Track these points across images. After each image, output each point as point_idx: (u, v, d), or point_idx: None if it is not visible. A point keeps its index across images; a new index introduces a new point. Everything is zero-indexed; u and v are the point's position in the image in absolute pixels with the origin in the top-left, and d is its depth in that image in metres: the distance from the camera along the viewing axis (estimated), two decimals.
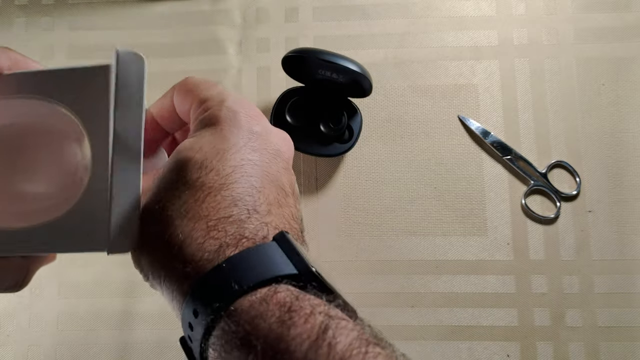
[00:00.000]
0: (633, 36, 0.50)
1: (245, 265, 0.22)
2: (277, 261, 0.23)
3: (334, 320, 0.20)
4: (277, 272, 0.22)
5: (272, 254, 0.23)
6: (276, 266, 0.22)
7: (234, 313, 0.21)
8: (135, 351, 0.47)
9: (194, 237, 0.23)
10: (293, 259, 0.23)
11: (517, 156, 0.49)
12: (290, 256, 0.23)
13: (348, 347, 0.19)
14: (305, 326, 0.20)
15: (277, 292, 0.21)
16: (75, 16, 0.53)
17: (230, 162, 0.25)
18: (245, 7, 0.53)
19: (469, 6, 0.52)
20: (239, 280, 0.21)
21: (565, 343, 0.46)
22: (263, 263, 0.22)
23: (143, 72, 0.28)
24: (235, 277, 0.22)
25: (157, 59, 0.52)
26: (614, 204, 0.48)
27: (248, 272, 0.22)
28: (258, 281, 0.22)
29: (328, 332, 0.19)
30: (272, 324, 0.20)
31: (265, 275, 0.22)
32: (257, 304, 0.21)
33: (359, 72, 0.43)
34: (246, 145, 0.26)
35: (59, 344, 0.47)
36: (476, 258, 0.47)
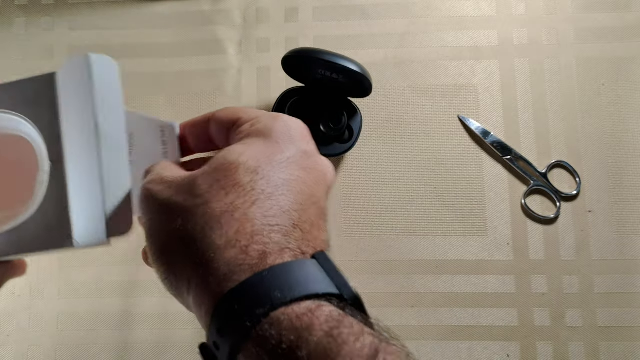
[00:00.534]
0: (633, 36, 0.50)
1: (289, 277, 0.21)
2: (319, 278, 0.22)
3: (383, 344, 0.20)
4: (320, 289, 0.21)
5: (314, 271, 0.22)
6: (318, 283, 0.22)
7: (277, 321, 0.20)
8: (135, 351, 0.47)
9: (239, 238, 0.23)
10: (334, 279, 0.22)
11: (517, 156, 0.49)
12: (331, 276, 0.22)
13: None
14: (355, 345, 0.19)
15: (322, 306, 0.21)
16: (75, 16, 0.53)
17: (282, 174, 0.25)
18: (245, 7, 0.53)
19: (469, 6, 0.52)
20: (283, 290, 0.21)
21: (565, 343, 0.46)
22: (306, 278, 0.22)
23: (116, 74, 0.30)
24: (279, 286, 0.21)
25: (157, 59, 0.52)
26: (614, 204, 0.48)
27: (292, 284, 0.21)
28: (301, 295, 0.21)
29: (379, 355, 0.19)
30: (321, 338, 0.19)
31: (308, 290, 0.21)
32: (302, 316, 0.20)
33: (359, 72, 0.43)
34: (297, 161, 0.26)
35: (59, 344, 0.47)
36: (476, 258, 0.47)
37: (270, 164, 0.25)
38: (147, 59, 0.52)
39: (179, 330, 0.47)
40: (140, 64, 0.52)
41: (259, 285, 0.21)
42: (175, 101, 0.51)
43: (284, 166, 0.25)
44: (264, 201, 0.24)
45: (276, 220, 0.23)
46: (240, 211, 0.23)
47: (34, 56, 0.53)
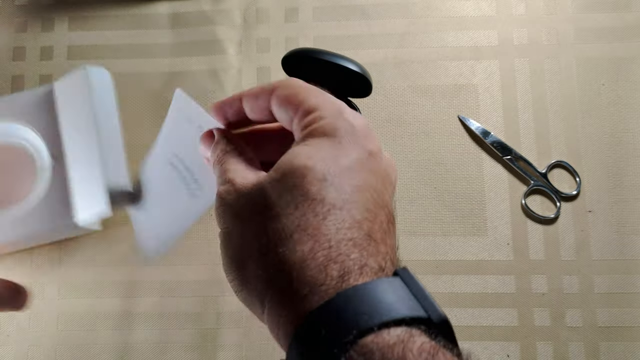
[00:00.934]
0: (633, 36, 0.50)
1: (375, 299, 0.20)
2: (406, 300, 0.21)
3: None
4: (408, 312, 0.20)
5: (400, 291, 0.21)
6: (406, 305, 0.20)
7: (367, 351, 0.19)
8: (135, 351, 0.47)
9: (316, 257, 0.21)
10: (421, 301, 0.21)
11: (517, 156, 0.49)
12: (418, 296, 0.21)
13: None
14: None
15: (414, 336, 0.19)
16: (75, 16, 0.53)
17: (352, 180, 0.23)
18: (245, 7, 0.53)
19: (469, 6, 0.52)
20: (370, 314, 0.20)
21: (565, 343, 0.46)
22: (392, 299, 0.20)
23: (110, 82, 0.40)
24: (365, 309, 0.20)
25: (157, 59, 0.52)
26: (614, 204, 0.48)
27: (379, 307, 0.20)
28: (389, 319, 0.20)
29: None
30: None
31: (396, 314, 0.20)
32: (394, 346, 0.19)
33: (359, 72, 0.43)
34: (364, 164, 0.24)
35: (59, 344, 0.47)
36: (476, 258, 0.47)
37: (339, 169, 0.23)
38: (147, 59, 0.52)
39: (179, 330, 0.47)
40: (140, 64, 0.52)
41: (344, 309, 0.20)
42: None
43: (354, 171, 0.24)
44: (336, 213, 0.22)
45: (350, 234, 0.22)
46: (313, 226, 0.22)
47: (34, 56, 0.53)
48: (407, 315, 0.20)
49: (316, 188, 0.23)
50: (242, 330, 0.47)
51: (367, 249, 0.22)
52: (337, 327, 0.20)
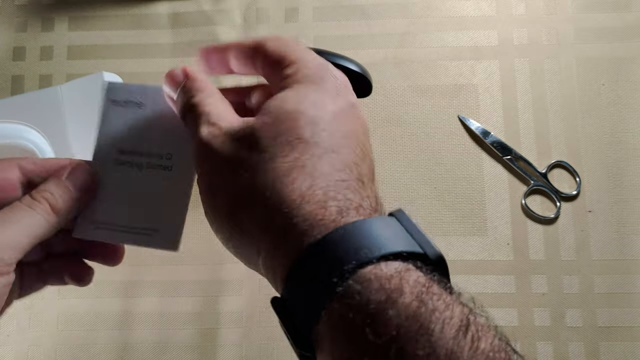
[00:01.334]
0: (633, 36, 0.50)
1: (374, 234, 0.21)
2: (402, 236, 0.21)
3: (472, 315, 0.19)
4: (405, 247, 0.21)
5: (397, 229, 0.22)
6: (403, 241, 0.21)
7: (365, 280, 0.19)
8: (135, 351, 0.47)
9: (315, 193, 0.22)
10: (417, 238, 0.22)
11: (517, 156, 0.49)
12: (414, 235, 0.22)
13: (491, 347, 0.18)
14: (445, 312, 0.18)
15: (410, 269, 0.20)
16: (75, 16, 0.53)
17: (341, 126, 0.24)
18: (245, 7, 0.53)
19: (469, 6, 0.52)
20: (370, 247, 0.20)
21: (565, 343, 0.46)
22: (390, 235, 0.21)
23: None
24: (365, 243, 0.20)
25: (157, 59, 0.52)
26: (614, 204, 0.48)
27: (378, 241, 0.20)
28: (388, 253, 0.20)
29: (470, 326, 0.18)
30: (412, 301, 0.18)
31: (393, 248, 0.20)
32: (391, 277, 0.19)
33: (359, 72, 0.43)
34: (349, 114, 0.25)
35: (59, 344, 0.47)
36: (476, 258, 0.47)
37: (328, 114, 0.24)
38: (147, 59, 0.52)
39: (179, 330, 0.47)
40: (140, 64, 0.52)
41: (344, 241, 0.20)
42: None
43: (342, 117, 0.24)
44: (329, 156, 0.23)
45: (344, 176, 0.23)
46: (309, 166, 0.22)
47: (34, 57, 0.53)
48: (404, 250, 0.20)
49: (309, 131, 0.23)
50: (242, 330, 0.47)
51: (359, 191, 0.23)
52: (336, 258, 0.20)
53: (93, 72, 0.52)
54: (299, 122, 0.23)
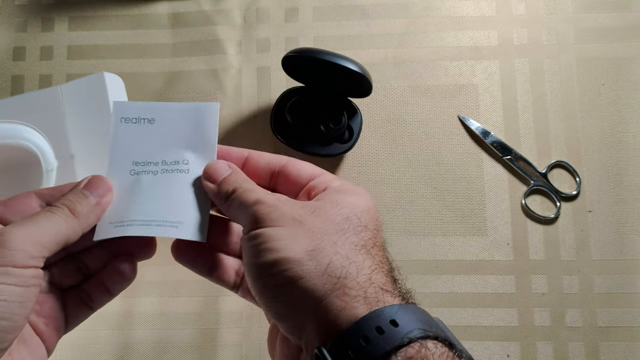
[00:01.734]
0: (633, 36, 0.50)
1: (411, 317, 0.23)
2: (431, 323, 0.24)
3: None
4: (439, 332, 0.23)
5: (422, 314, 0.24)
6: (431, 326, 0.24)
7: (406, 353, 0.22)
8: (135, 351, 0.47)
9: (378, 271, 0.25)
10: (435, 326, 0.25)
11: (517, 156, 0.49)
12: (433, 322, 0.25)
13: None
14: None
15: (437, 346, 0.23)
16: (75, 16, 0.53)
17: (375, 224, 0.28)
18: (245, 7, 0.53)
19: (469, 6, 0.52)
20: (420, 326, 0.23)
21: (565, 343, 0.46)
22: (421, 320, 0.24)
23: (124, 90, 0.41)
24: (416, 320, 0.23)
25: (157, 59, 0.52)
26: (614, 204, 0.48)
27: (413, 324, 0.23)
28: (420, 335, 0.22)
29: None
30: None
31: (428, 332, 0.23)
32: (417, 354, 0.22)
33: (359, 72, 0.43)
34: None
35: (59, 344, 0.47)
36: (476, 258, 0.47)
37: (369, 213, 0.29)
38: (147, 59, 0.52)
39: (179, 330, 0.47)
40: (140, 64, 0.52)
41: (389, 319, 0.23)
42: (175, 101, 0.51)
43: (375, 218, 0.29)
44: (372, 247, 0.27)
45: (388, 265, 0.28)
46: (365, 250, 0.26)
47: (34, 56, 0.53)
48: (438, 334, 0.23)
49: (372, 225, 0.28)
50: (242, 330, 0.47)
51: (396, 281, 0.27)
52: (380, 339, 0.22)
53: (93, 72, 0.52)
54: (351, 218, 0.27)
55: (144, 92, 0.51)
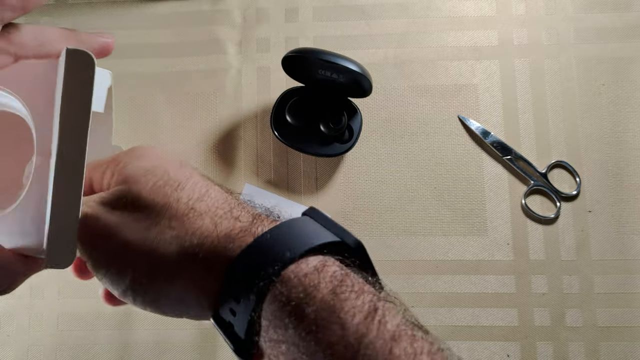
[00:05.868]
0: (633, 36, 0.50)
1: (291, 234, 0.23)
2: (319, 231, 0.23)
3: (381, 302, 0.21)
4: (323, 239, 0.23)
5: (314, 225, 0.24)
6: (320, 234, 0.23)
7: (287, 280, 0.21)
8: (135, 351, 0.47)
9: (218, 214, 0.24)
10: (334, 231, 0.24)
11: (517, 156, 0.49)
12: (330, 228, 0.24)
13: (397, 327, 0.20)
14: (356, 302, 0.21)
15: (327, 265, 0.22)
16: (75, 16, 0.53)
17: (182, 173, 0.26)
18: (245, 7, 0.53)
19: (469, 6, 0.52)
20: (291, 248, 0.22)
21: (565, 343, 0.46)
22: (307, 232, 0.23)
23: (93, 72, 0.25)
24: (285, 244, 0.22)
25: (157, 59, 0.52)
26: (614, 204, 0.48)
27: (296, 240, 0.22)
28: (307, 249, 0.22)
29: (378, 311, 0.20)
30: (326, 295, 0.21)
31: (313, 243, 0.22)
32: (310, 274, 0.21)
33: (359, 72, 0.43)
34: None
35: (59, 344, 0.47)
36: (476, 258, 0.47)
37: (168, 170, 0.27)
38: (147, 59, 0.52)
39: (179, 330, 0.47)
40: (140, 64, 0.52)
41: (266, 246, 0.22)
42: (175, 101, 0.51)
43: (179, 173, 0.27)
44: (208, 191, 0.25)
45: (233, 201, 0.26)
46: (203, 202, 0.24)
47: None
48: (323, 242, 0.23)
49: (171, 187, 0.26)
50: None
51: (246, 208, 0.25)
52: (261, 264, 0.22)
53: None
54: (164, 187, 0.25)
55: (143, 93, 0.51)
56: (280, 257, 0.22)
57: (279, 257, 0.22)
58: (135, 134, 0.51)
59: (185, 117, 0.51)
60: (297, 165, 0.49)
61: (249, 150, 0.50)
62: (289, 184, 0.49)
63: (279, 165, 0.50)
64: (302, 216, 0.25)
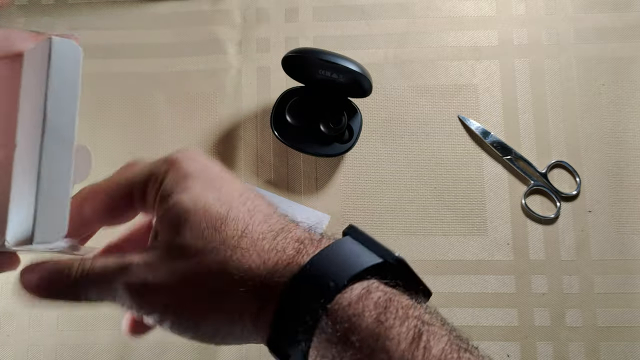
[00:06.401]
0: (633, 36, 0.50)
1: (336, 261, 0.23)
2: (360, 253, 0.23)
3: (426, 326, 0.21)
4: (366, 263, 0.23)
5: (354, 247, 0.24)
6: (362, 258, 0.23)
7: (332, 312, 0.22)
8: (135, 351, 0.47)
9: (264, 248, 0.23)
10: (375, 250, 0.24)
11: (517, 156, 0.49)
12: (370, 247, 0.24)
13: (442, 352, 0.20)
14: (401, 329, 0.21)
15: (370, 292, 0.22)
16: (75, 16, 0.53)
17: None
18: (245, 7, 0.53)
19: (469, 6, 0.52)
20: (335, 278, 0.22)
21: (565, 343, 0.46)
22: (349, 257, 0.23)
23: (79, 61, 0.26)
24: (329, 274, 0.22)
25: (157, 59, 0.52)
26: (614, 204, 0.48)
27: (339, 268, 0.22)
28: (350, 277, 0.22)
29: (422, 336, 0.21)
30: (370, 323, 0.21)
31: (355, 270, 0.22)
32: (354, 303, 0.22)
33: (359, 72, 0.43)
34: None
35: (59, 344, 0.47)
36: (476, 258, 0.47)
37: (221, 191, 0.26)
38: (147, 59, 0.52)
39: None
40: (140, 64, 0.52)
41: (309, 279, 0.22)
42: (176, 101, 0.51)
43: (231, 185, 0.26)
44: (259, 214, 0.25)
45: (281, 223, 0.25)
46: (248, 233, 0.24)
47: None
48: (366, 266, 0.23)
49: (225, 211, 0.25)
50: None
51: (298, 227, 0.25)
52: (306, 300, 0.22)
53: (93, 72, 0.52)
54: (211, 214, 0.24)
55: (143, 93, 0.51)
56: (325, 289, 0.22)
57: (324, 289, 0.22)
58: (135, 134, 0.51)
59: (185, 117, 0.51)
60: (297, 165, 0.49)
61: (249, 150, 0.50)
62: (289, 184, 0.49)
63: (279, 165, 0.50)
64: (343, 237, 0.25)
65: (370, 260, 0.23)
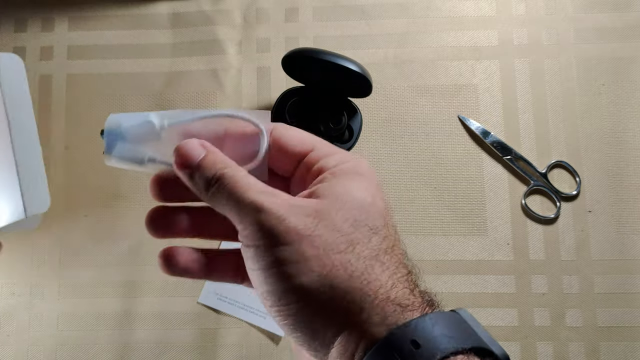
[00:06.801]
0: (633, 36, 0.50)
1: (447, 326, 0.22)
2: (470, 332, 0.24)
3: None
4: (472, 343, 0.23)
5: (465, 324, 0.24)
6: (471, 336, 0.23)
7: None
8: (135, 351, 0.47)
9: (395, 284, 0.23)
10: (482, 334, 0.24)
11: (517, 156, 0.49)
12: (478, 332, 0.24)
13: None
14: None
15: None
16: (75, 16, 0.53)
17: (384, 219, 0.25)
18: (245, 7, 0.53)
19: (469, 6, 0.52)
20: (442, 349, 0.22)
21: (565, 343, 0.46)
22: (459, 331, 0.23)
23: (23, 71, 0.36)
24: (438, 344, 0.22)
25: (157, 59, 0.52)
26: (614, 204, 0.48)
27: (450, 333, 0.22)
28: (459, 348, 0.22)
29: None
30: None
31: (463, 346, 0.22)
32: None
33: (359, 72, 0.43)
34: None
35: (59, 344, 0.47)
36: (476, 258, 0.47)
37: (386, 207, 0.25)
38: (147, 59, 0.52)
39: (179, 330, 0.47)
40: (140, 64, 0.52)
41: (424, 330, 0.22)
42: (176, 101, 0.51)
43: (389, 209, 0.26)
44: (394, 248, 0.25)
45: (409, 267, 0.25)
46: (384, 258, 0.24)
47: (34, 56, 0.53)
48: (472, 346, 0.23)
49: (381, 223, 0.24)
50: (242, 330, 0.47)
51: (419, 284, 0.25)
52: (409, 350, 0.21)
53: (93, 72, 0.52)
54: (371, 212, 0.24)
55: (143, 93, 0.51)
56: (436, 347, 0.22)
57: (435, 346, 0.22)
58: None
59: None
60: None
61: None
62: None
63: None
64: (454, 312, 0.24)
65: (477, 342, 0.23)
